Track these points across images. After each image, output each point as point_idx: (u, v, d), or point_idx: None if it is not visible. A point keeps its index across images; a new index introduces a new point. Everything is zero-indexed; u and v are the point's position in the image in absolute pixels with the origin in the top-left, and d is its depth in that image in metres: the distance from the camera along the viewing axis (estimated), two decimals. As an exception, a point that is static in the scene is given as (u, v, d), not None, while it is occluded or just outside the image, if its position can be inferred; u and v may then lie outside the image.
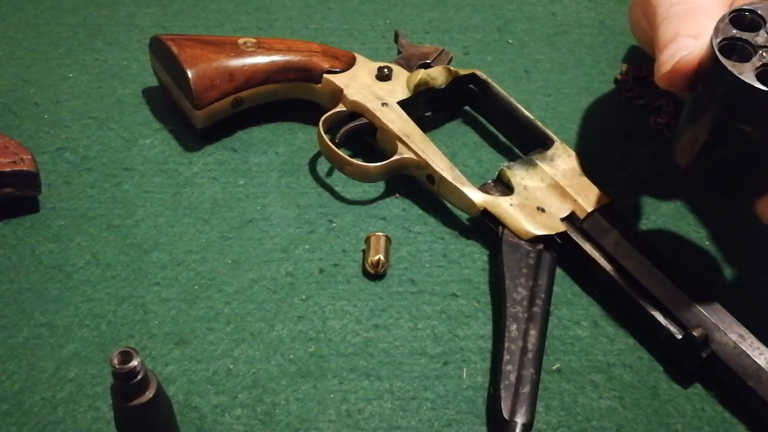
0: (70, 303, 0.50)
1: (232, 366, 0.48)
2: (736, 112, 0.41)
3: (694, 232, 0.55)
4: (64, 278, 0.51)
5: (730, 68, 0.39)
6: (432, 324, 0.50)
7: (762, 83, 0.39)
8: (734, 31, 0.41)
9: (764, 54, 0.40)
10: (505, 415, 0.44)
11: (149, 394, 0.39)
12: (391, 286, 0.52)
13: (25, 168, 0.52)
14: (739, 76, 0.39)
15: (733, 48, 0.41)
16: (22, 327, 0.49)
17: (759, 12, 0.41)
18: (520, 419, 0.44)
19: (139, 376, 0.38)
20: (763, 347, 0.46)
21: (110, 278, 0.51)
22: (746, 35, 0.41)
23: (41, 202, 0.55)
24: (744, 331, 0.46)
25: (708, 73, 0.42)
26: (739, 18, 0.42)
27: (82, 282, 0.51)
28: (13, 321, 0.49)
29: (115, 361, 0.37)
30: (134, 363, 0.38)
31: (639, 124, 0.62)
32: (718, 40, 0.41)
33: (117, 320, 0.49)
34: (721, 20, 0.41)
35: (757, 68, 0.39)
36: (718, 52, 0.40)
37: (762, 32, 0.41)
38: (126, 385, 0.38)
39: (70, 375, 0.47)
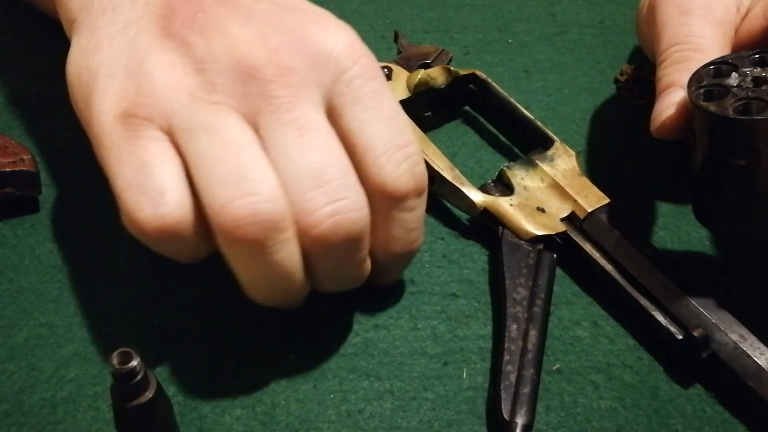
0: (70, 303, 0.50)
1: (232, 366, 0.48)
2: (726, 148, 0.44)
3: (694, 232, 0.55)
4: (64, 278, 0.51)
5: (710, 109, 0.43)
6: (432, 324, 0.50)
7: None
8: (706, 81, 0.45)
9: (736, 92, 0.44)
10: (505, 415, 0.44)
11: (149, 394, 0.39)
12: (391, 286, 0.51)
13: (25, 168, 0.52)
14: (717, 113, 0.43)
15: (710, 94, 0.45)
16: (22, 327, 0.49)
17: (730, 61, 0.46)
18: (520, 420, 0.44)
19: (139, 376, 0.38)
20: (763, 347, 0.46)
21: (110, 278, 0.51)
22: (719, 80, 0.45)
23: (41, 202, 0.55)
24: (744, 331, 0.46)
25: (694, 120, 0.46)
26: (713, 69, 0.46)
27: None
28: (13, 321, 0.49)
29: (115, 361, 0.37)
30: (134, 363, 0.38)
31: (639, 124, 0.61)
32: (693, 89, 0.45)
33: (117, 320, 0.49)
34: (696, 72, 0.46)
35: (732, 104, 0.43)
36: (695, 99, 0.44)
37: (733, 75, 0.45)
38: (126, 385, 0.38)
39: (70, 375, 0.47)
